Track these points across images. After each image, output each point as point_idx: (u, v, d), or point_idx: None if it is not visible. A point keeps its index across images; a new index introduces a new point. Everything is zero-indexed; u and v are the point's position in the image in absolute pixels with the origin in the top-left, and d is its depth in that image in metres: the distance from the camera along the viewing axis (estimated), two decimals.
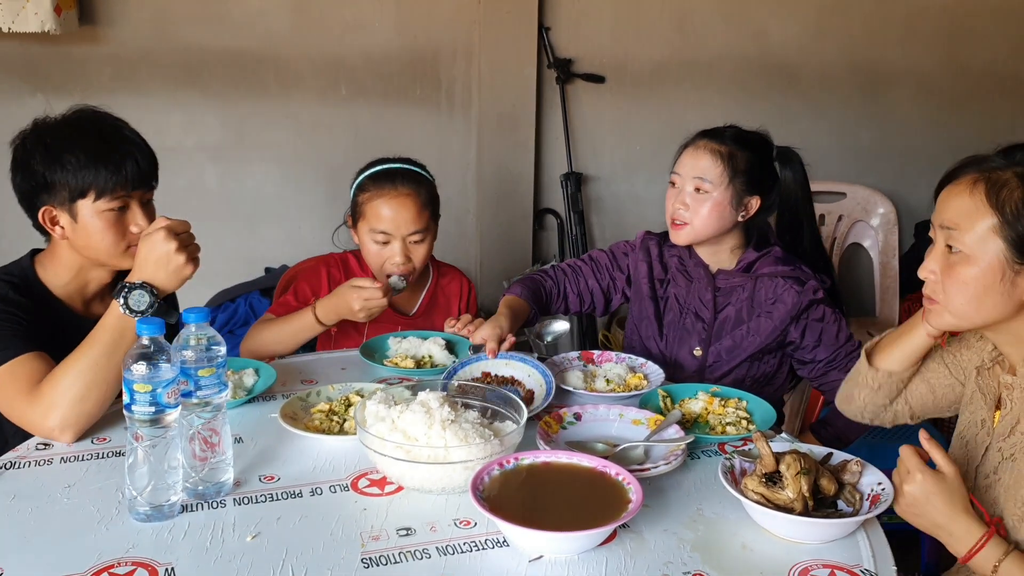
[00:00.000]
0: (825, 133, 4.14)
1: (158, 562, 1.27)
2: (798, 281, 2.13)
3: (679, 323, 2.24)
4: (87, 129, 1.81)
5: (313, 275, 2.35)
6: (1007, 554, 1.33)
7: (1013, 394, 1.49)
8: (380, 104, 3.71)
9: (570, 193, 3.87)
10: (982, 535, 1.35)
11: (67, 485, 1.49)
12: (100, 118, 1.86)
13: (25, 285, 1.84)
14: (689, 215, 2.13)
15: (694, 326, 2.21)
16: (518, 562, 1.29)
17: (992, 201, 1.38)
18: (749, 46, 3.99)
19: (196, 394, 1.43)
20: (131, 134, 1.85)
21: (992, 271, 1.39)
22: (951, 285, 1.43)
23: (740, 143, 2.15)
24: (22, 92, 3.39)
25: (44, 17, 3.10)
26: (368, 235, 2.26)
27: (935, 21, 4.11)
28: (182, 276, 1.71)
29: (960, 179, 1.44)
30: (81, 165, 1.77)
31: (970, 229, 1.40)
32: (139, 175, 1.82)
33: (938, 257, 1.45)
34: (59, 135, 1.80)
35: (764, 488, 1.39)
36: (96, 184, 1.77)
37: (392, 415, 1.50)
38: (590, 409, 1.77)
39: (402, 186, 2.25)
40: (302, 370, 2.07)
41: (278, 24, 3.55)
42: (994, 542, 1.35)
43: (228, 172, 3.63)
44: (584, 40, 3.83)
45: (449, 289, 2.47)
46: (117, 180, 1.78)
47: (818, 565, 1.31)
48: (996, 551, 1.34)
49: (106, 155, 1.78)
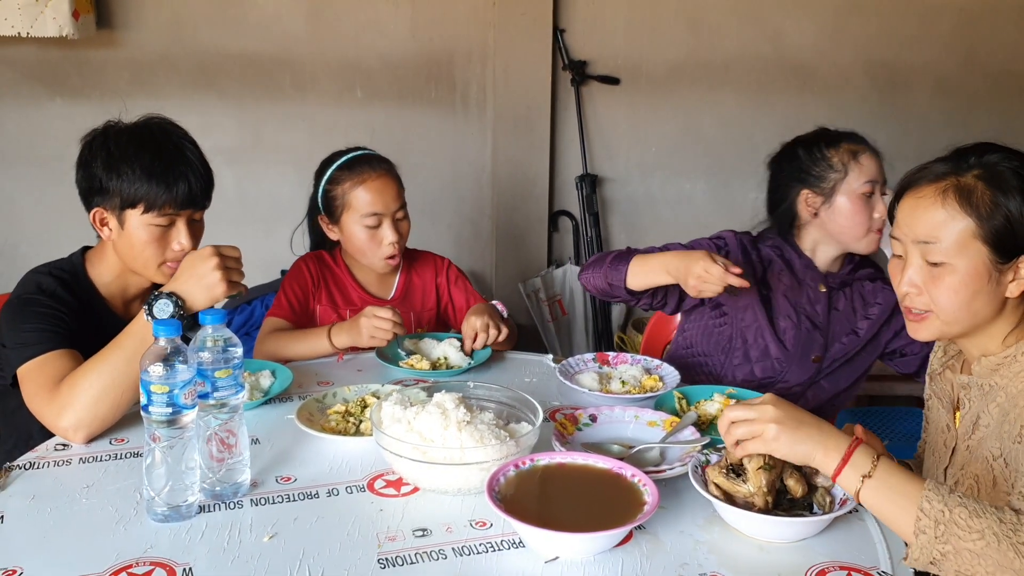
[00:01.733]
0: None
1: (176, 562, 1.28)
2: (885, 280, 2.15)
3: (795, 326, 2.16)
4: (149, 142, 1.84)
5: (297, 273, 2.41)
6: (878, 456, 1.29)
7: (970, 392, 1.50)
8: (395, 106, 3.72)
9: (585, 195, 3.87)
10: (848, 443, 1.31)
11: (86, 485, 1.50)
12: (166, 132, 1.88)
13: (75, 281, 1.90)
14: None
15: (811, 333, 2.17)
16: (534, 563, 1.29)
17: (966, 207, 1.39)
18: (764, 46, 3.97)
19: (213, 395, 1.44)
20: (192, 154, 1.88)
21: (978, 275, 1.41)
22: (940, 295, 1.44)
23: None
24: (40, 96, 3.43)
25: (62, 22, 3.13)
26: (358, 223, 2.30)
27: (952, 20, 4.08)
28: (213, 295, 1.72)
29: (921, 193, 1.44)
30: (136, 177, 1.80)
31: (949, 239, 1.40)
32: (189, 196, 1.84)
33: (919, 271, 1.46)
34: (122, 143, 1.84)
35: (724, 479, 1.39)
36: (147, 198, 1.81)
37: (408, 416, 1.50)
38: (605, 411, 1.77)
39: (379, 167, 2.34)
40: (318, 372, 2.08)
41: (294, 27, 3.57)
42: (863, 449, 1.30)
43: (244, 174, 3.65)
44: (599, 42, 3.82)
45: (422, 268, 2.50)
46: (167, 198, 1.81)
47: (835, 567, 1.30)
48: (867, 457, 1.30)
49: (161, 172, 1.81)
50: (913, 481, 1.27)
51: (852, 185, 2.07)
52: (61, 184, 3.46)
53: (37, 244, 3.41)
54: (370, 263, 2.37)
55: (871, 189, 2.07)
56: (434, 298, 2.48)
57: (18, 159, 3.48)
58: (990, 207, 1.38)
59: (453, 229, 3.90)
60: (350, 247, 2.37)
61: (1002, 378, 1.46)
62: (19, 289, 1.87)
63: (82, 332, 1.81)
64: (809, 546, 1.35)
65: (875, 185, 2.08)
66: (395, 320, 2.09)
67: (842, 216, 2.08)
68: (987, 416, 1.46)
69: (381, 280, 2.45)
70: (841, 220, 2.09)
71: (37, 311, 1.78)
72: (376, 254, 2.33)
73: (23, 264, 1.96)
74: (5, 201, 3.52)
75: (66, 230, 3.51)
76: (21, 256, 3.46)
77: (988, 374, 1.47)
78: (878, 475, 1.28)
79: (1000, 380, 1.46)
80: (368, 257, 2.35)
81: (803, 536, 1.36)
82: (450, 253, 2.77)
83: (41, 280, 1.86)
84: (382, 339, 2.09)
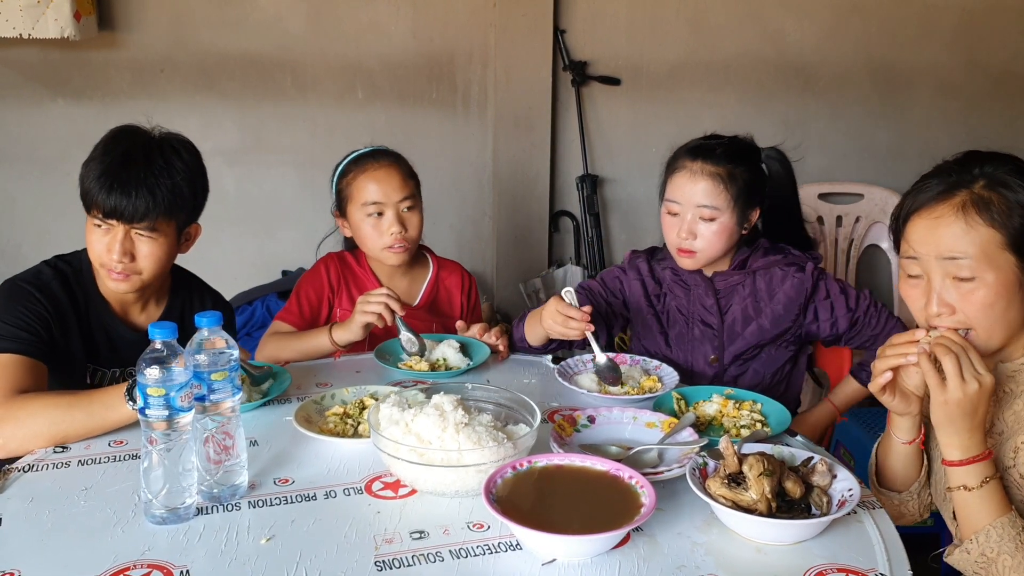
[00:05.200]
0: (842, 134, 4.12)
1: (173, 564, 1.28)
2: (798, 267, 2.13)
3: (687, 334, 2.22)
4: (122, 147, 1.84)
5: (314, 275, 2.40)
6: (996, 475, 1.39)
7: None
8: (396, 107, 3.73)
9: (586, 195, 3.87)
10: (987, 449, 1.39)
11: (84, 488, 1.50)
12: (149, 144, 1.87)
13: (76, 277, 1.91)
14: (698, 243, 2.08)
15: (704, 334, 2.20)
16: (531, 565, 1.29)
17: (987, 219, 1.38)
18: (765, 47, 3.97)
19: (209, 398, 1.44)
20: (161, 174, 1.83)
21: (1009, 285, 1.40)
22: (975, 312, 1.42)
23: (734, 159, 2.07)
24: (42, 97, 3.43)
25: (64, 23, 3.13)
26: (360, 213, 2.31)
27: (953, 20, 4.07)
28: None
29: (936, 212, 1.43)
30: (89, 176, 1.82)
31: (976, 252, 1.39)
32: (120, 209, 1.80)
33: (948, 290, 1.43)
34: (105, 140, 1.85)
35: (727, 490, 1.38)
36: (86, 196, 1.83)
37: (406, 418, 1.51)
38: (604, 412, 1.76)
39: (383, 159, 2.35)
40: (317, 373, 2.08)
41: (295, 28, 3.57)
42: (992, 460, 1.39)
43: (245, 175, 3.66)
44: (599, 42, 3.82)
45: (450, 282, 2.51)
46: (101, 203, 1.81)
47: (833, 569, 1.30)
48: (991, 467, 1.39)
49: (110, 177, 1.80)
50: (1003, 504, 1.37)
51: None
52: (63, 184, 3.47)
53: (39, 244, 3.40)
54: (376, 255, 2.36)
55: (672, 209, 2.11)
56: (459, 310, 2.48)
57: (20, 160, 3.48)
58: (1009, 214, 1.38)
59: (454, 229, 3.90)
60: (357, 239, 2.38)
61: (1018, 385, 1.45)
62: (21, 273, 1.89)
63: (67, 332, 1.82)
64: (807, 548, 1.35)
65: (676, 205, 2.10)
66: (388, 294, 2.09)
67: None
68: (1001, 423, 1.45)
69: (409, 285, 2.44)
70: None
71: (23, 305, 1.79)
72: (377, 243, 2.32)
73: (25, 264, 1.96)
74: (7, 201, 3.53)
75: (68, 230, 3.51)
76: (23, 256, 3.46)
77: (1005, 380, 1.46)
78: (992, 484, 1.38)
79: (1017, 387, 1.45)
80: (371, 248, 2.35)
81: (801, 538, 1.36)
82: (451, 254, 2.77)
83: (42, 269, 1.89)
84: (372, 313, 2.08)
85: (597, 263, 3.86)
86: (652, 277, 2.26)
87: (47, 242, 3.29)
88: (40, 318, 1.80)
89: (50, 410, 1.64)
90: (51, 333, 1.81)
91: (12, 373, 1.70)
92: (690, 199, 2.06)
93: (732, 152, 2.08)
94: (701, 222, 2.07)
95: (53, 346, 1.81)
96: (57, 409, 1.64)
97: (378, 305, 2.08)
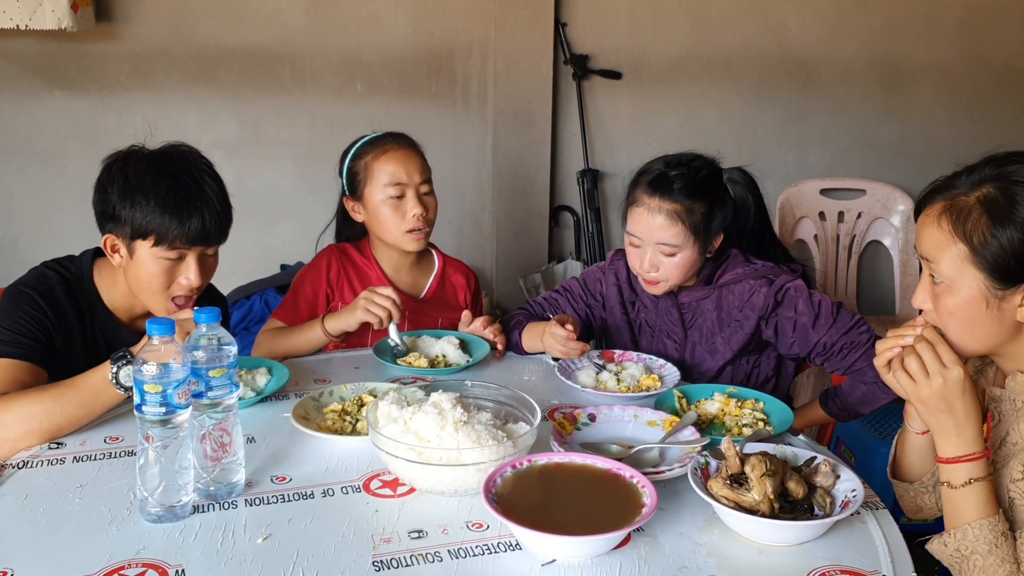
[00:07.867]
0: (844, 129, 4.10)
1: (169, 563, 1.27)
2: (767, 281, 2.06)
3: (652, 347, 2.21)
4: (167, 173, 1.80)
5: (313, 270, 2.37)
6: (985, 477, 1.37)
7: (1001, 406, 1.47)
8: (396, 100, 3.71)
9: (586, 190, 3.85)
10: (979, 450, 1.37)
11: (79, 485, 1.49)
12: (187, 163, 1.84)
13: (78, 285, 1.89)
14: (661, 274, 2.04)
15: (669, 347, 2.18)
16: (530, 566, 1.28)
17: (959, 232, 1.36)
18: (767, 41, 3.95)
19: (207, 395, 1.42)
20: (210, 189, 1.83)
21: (975, 300, 1.37)
22: (942, 315, 1.42)
23: (692, 193, 2.00)
24: (39, 89, 3.41)
25: (61, 14, 3.11)
26: (381, 194, 2.28)
27: (956, 15, 4.05)
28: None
29: (929, 208, 1.42)
30: (149, 209, 1.77)
31: (944, 260, 1.38)
32: (202, 232, 1.80)
33: (927, 287, 1.44)
34: (140, 171, 1.80)
35: (728, 491, 1.37)
36: (158, 231, 1.77)
37: (404, 416, 1.49)
38: (604, 410, 1.75)
39: (402, 142, 2.35)
40: (315, 369, 2.07)
41: (294, 21, 3.55)
42: (984, 462, 1.37)
43: (244, 169, 3.63)
44: (600, 36, 3.80)
45: (455, 279, 2.49)
46: (179, 233, 1.78)
47: (835, 571, 1.29)
48: (980, 469, 1.37)
49: (175, 206, 1.77)
50: (987, 505, 1.36)
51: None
52: (60, 178, 3.48)
53: (35, 238, 3.40)
54: (395, 240, 2.31)
55: (633, 242, 2.08)
56: (462, 307, 2.44)
57: (17, 152, 3.45)
58: (984, 233, 1.34)
59: (454, 224, 3.88)
60: (373, 223, 2.33)
61: None
62: (23, 277, 1.86)
63: (69, 338, 1.80)
64: (809, 549, 1.34)
65: (636, 239, 2.06)
66: (394, 299, 2.08)
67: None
68: (1016, 434, 1.43)
69: (416, 277, 2.42)
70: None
71: (25, 310, 1.77)
72: (399, 227, 2.28)
73: (21, 258, 1.95)
74: (3, 194, 3.50)
75: (65, 224, 3.51)
76: (20, 250, 3.44)
77: (1022, 390, 1.44)
78: (975, 485, 1.36)
79: None
80: (392, 232, 2.30)
81: (804, 539, 1.35)
82: (451, 248, 2.76)
83: (46, 274, 1.86)
84: (375, 315, 2.07)
85: (597, 258, 3.85)
86: (628, 283, 2.24)
87: (44, 236, 3.28)
88: (42, 324, 1.78)
89: (36, 405, 1.62)
90: (52, 339, 1.79)
91: (10, 378, 1.68)
92: (650, 236, 2.01)
93: (690, 186, 2.00)
94: (662, 256, 2.03)
95: (54, 352, 1.80)
96: (43, 404, 1.62)
97: (382, 309, 2.07)
